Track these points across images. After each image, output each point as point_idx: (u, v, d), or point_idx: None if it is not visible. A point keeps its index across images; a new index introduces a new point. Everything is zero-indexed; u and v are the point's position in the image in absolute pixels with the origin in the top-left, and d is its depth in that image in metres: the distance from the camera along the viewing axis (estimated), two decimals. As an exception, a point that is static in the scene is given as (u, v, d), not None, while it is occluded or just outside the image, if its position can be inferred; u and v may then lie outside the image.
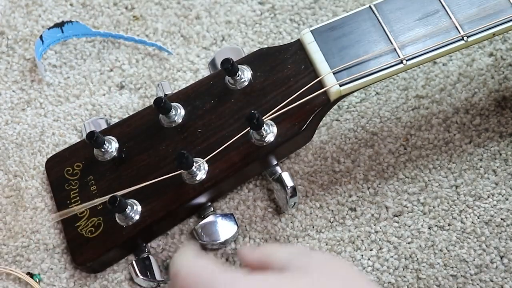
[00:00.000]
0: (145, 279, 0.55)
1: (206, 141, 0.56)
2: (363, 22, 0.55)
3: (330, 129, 0.63)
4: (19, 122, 0.64)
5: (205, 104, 0.57)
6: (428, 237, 0.58)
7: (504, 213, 0.58)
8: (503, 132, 0.62)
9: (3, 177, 0.62)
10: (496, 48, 0.65)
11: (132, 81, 0.66)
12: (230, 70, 0.55)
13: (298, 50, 0.57)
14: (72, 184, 0.57)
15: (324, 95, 0.55)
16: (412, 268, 0.57)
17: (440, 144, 0.61)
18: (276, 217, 0.59)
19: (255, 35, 0.68)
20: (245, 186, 0.61)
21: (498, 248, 0.57)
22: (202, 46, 0.67)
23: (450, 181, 0.60)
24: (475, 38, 0.54)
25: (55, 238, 0.59)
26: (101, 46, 0.68)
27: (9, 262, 0.58)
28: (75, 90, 0.66)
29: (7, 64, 0.67)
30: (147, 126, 0.57)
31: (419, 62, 0.54)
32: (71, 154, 0.59)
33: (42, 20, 0.69)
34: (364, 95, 0.64)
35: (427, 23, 0.55)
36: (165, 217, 0.55)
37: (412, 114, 0.63)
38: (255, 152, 0.55)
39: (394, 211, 0.59)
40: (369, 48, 0.54)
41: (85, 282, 0.57)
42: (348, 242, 0.58)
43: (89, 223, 0.55)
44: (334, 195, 0.60)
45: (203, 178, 0.55)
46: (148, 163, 0.56)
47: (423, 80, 0.64)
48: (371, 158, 0.61)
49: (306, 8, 0.69)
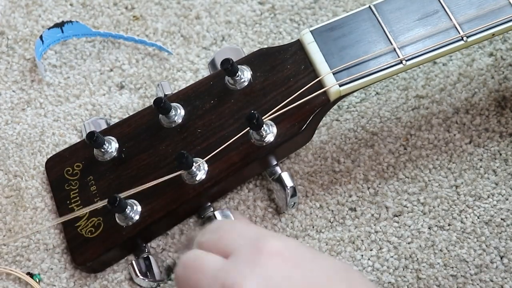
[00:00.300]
0: (145, 279, 0.55)
1: (206, 141, 0.56)
2: (362, 22, 0.55)
3: (330, 129, 0.63)
4: (19, 122, 0.64)
5: (205, 104, 0.57)
6: (428, 237, 0.58)
7: (504, 213, 0.58)
8: (503, 132, 0.62)
9: (3, 177, 0.62)
10: (496, 48, 0.65)
11: (132, 81, 0.66)
12: (230, 70, 0.55)
13: (298, 50, 0.57)
14: (72, 184, 0.57)
15: (324, 95, 0.55)
16: (412, 268, 0.57)
17: (440, 144, 0.61)
18: (276, 217, 0.59)
19: (255, 35, 0.68)
20: (245, 186, 0.61)
21: (498, 248, 0.57)
22: (202, 46, 0.67)
23: (450, 181, 0.60)
24: (474, 38, 0.54)
25: (55, 238, 0.59)
26: (101, 46, 0.68)
27: (9, 262, 0.58)
28: (75, 90, 0.66)
29: (7, 64, 0.67)
30: (147, 126, 0.57)
31: (419, 62, 0.54)
32: (71, 154, 0.59)
33: (42, 20, 0.69)
34: (364, 95, 0.64)
35: (426, 23, 0.55)
36: (165, 217, 0.55)
37: (412, 114, 0.63)
38: (255, 152, 0.55)
39: (394, 211, 0.59)
40: (368, 48, 0.54)
41: (85, 282, 0.57)
42: (348, 242, 0.58)
43: (89, 223, 0.55)
44: (334, 195, 0.60)
45: (203, 178, 0.55)
46: (148, 163, 0.56)
47: (423, 80, 0.64)
48: (371, 158, 0.61)
49: (306, 8, 0.69)
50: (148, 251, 0.56)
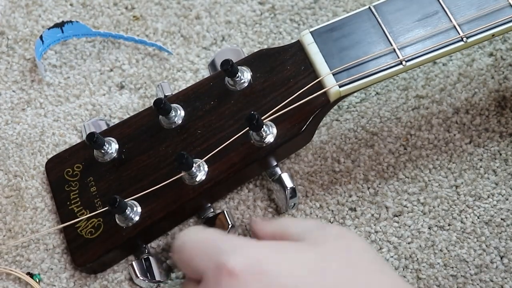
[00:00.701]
0: (145, 280, 0.55)
1: (206, 142, 0.56)
2: (362, 23, 0.55)
3: (330, 129, 0.63)
4: (19, 122, 0.64)
5: (205, 105, 0.57)
6: (428, 237, 0.58)
7: (504, 213, 0.58)
8: (503, 132, 0.62)
9: (3, 177, 0.62)
10: (496, 48, 0.65)
11: (132, 81, 0.66)
12: (229, 71, 0.55)
13: (298, 51, 0.56)
14: (72, 185, 0.57)
15: (324, 96, 0.55)
16: (412, 268, 0.57)
17: (440, 144, 0.61)
18: (276, 217, 0.59)
19: (255, 35, 0.68)
20: (245, 186, 0.61)
21: (498, 248, 0.57)
22: (202, 46, 0.67)
23: (450, 181, 0.60)
24: (474, 39, 0.54)
25: (55, 238, 0.59)
26: (101, 46, 0.68)
27: (9, 262, 0.58)
28: (75, 90, 0.66)
29: (7, 64, 0.67)
30: (147, 127, 0.57)
31: (419, 63, 0.54)
32: (71, 155, 0.59)
33: (42, 20, 0.69)
34: (364, 95, 0.64)
35: (426, 24, 0.55)
36: (165, 218, 0.55)
37: (412, 114, 0.63)
38: (255, 153, 0.55)
39: (394, 211, 0.59)
40: (368, 49, 0.54)
41: (85, 282, 0.57)
42: (348, 242, 0.58)
43: (89, 224, 0.56)
44: (334, 195, 0.60)
45: (202, 179, 0.55)
46: (148, 164, 0.56)
47: (423, 80, 0.64)
48: (371, 158, 0.61)
49: (306, 8, 0.69)
50: (148, 252, 0.56)
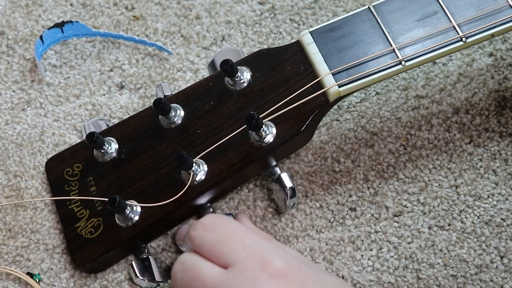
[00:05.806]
0: (144, 280, 0.55)
1: (206, 142, 0.56)
2: (362, 23, 0.55)
3: (330, 129, 0.63)
4: (19, 122, 0.64)
5: (204, 105, 0.57)
6: (428, 237, 0.58)
7: (504, 213, 0.58)
8: (503, 132, 0.61)
9: (3, 177, 0.62)
10: (496, 48, 0.65)
11: (132, 81, 0.66)
12: (229, 71, 0.55)
13: (297, 51, 0.57)
14: (72, 185, 0.57)
15: (323, 96, 0.55)
16: (412, 268, 0.57)
17: (440, 144, 0.61)
18: (276, 217, 0.59)
19: (255, 35, 0.68)
20: (245, 186, 0.61)
21: (498, 248, 0.57)
22: (202, 46, 0.67)
23: (450, 181, 0.60)
24: (474, 39, 0.54)
25: (55, 238, 0.59)
26: (101, 46, 0.68)
27: (9, 262, 0.58)
28: (75, 90, 0.66)
29: (7, 64, 0.67)
30: (147, 127, 0.57)
31: (418, 63, 0.54)
32: (71, 155, 0.59)
33: (42, 20, 0.69)
34: (364, 95, 0.64)
35: (425, 24, 0.55)
36: (165, 218, 0.55)
37: (412, 114, 0.63)
38: (254, 153, 0.55)
39: (394, 211, 0.59)
40: (368, 49, 0.54)
41: (85, 282, 0.57)
42: (348, 242, 0.58)
43: (89, 223, 0.56)
44: (334, 195, 0.60)
45: (202, 179, 0.55)
46: (147, 164, 0.56)
47: (423, 80, 0.64)
48: (371, 158, 0.61)
49: (306, 8, 0.69)
50: (148, 252, 0.56)
